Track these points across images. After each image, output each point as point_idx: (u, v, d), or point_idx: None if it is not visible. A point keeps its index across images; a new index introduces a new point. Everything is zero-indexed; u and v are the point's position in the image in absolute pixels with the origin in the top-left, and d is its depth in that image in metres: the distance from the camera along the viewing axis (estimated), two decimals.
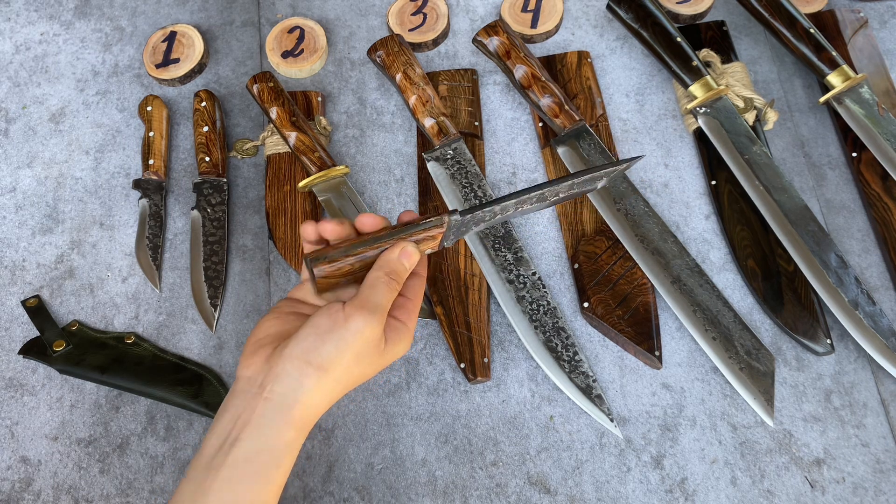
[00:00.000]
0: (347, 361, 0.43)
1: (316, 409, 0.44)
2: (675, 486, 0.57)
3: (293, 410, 0.42)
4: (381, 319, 0.44)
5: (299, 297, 0.49)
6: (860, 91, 0.68)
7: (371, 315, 0.43)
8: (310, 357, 0.43)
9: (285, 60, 0.77)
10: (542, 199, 0.48)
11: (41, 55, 0.81)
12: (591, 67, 0.75)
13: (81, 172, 0.74)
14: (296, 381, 0.43)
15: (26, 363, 0.65)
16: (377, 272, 0.45)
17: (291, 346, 0.43)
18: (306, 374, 0.43)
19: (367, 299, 0.44)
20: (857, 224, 0.67)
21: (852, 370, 0.61)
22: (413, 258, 0.46)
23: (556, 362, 0.60)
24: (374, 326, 0.43)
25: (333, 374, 0.43)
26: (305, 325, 0.44)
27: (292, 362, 0.43)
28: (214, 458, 0.42)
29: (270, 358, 0.44)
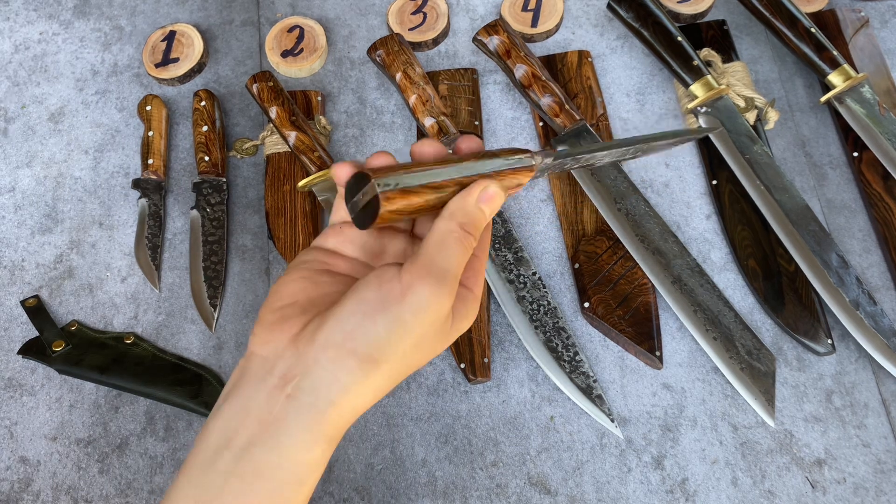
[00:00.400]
0: (405, 349, 0.33)
1: (355, 411, 0.33)
2: (675, 486, 0.57)
3: (326, 415, 0.32)
4: (452, 290, 0.33)
5: (331, 248, 0.37)
6: (861, 90, 0.67)
7: (439, 285, 0.32)
8: (355, 345, 0.32)
9: (285, 60, 0.77)
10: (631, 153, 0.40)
11: (40, 54, 0.81)
12: (592, 67, 0.75)
13: (81, 172, 0.74)
14: (332, 376, 0.32)
15: (25, 363, 0.65)
16: (447, 222, 0.34)
17: (329, 329, 0.32)
18: (348, 368, 0.32)
19: (432, 262, 0.33)
20: (858, 224, 0.66)
21: (853, 370, 0.60)
22: (496, 202, 0.35)
23: (557, 362, 0.60)
24: (444, 301, 0.33)
25: (385, 368, 0.33)
26: (347, 299, 0.33)
27: (329, 352, 0.32)
28: (218, 458, 0.32)
29: (298, 339, 0.33)
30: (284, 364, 0.33)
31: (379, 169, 0.33)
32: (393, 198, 0.32)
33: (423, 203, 0.34)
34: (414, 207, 0.33)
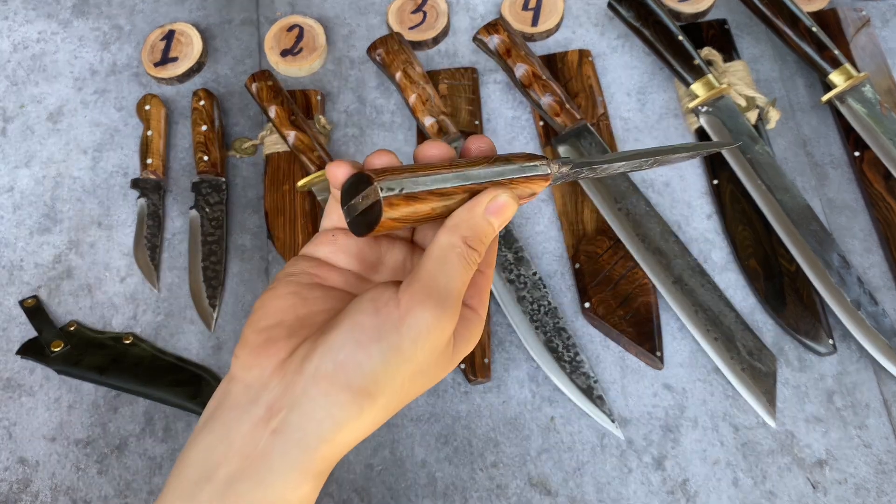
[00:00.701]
0: (403, 380, 0.30)
1: (348, 446, 0.30)
2: (676, 487, 0.57)
3: (316, 452, 0.29)
4: (455, 314, 0.30)
5: (322, 257, 0.34)
6: (862, 90, 0.67)
7: (440, 308, 0.29)
8: (348, 377, 0.29)
9: (284, 59, 0.77)
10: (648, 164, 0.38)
11: (39, 54, 0.80)
12: (592, 66, 0.74)
13: (79, 172, 0.74)
14: (324, 412, 0.29)
15: (24, 364, 0.65)
16: (450, 236, 0.31)
17: (319, 359, 0.29)
18: (340, 402, 0.29)
19: (433, 282, 0.30)
20: (860, 224, 0.66)
21: (854, 370, 0.60)
22: (507, 214, 0.32)
23: (557, 363, 0.60)
24: (445, 326, 0.30)
25: (381, 401, 0.30)
26: (340, 324, 0.30)
27: (320, 384, 0.29)
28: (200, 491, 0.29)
29: (286, 366, 0.30)
30: (270, 394, 0.30)
31: (381, 170, 0.30)
32: (396, 204, 0.29)
33: (429, 211, 0.31)
34: (418, 216, 0.31)
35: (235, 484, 0.29)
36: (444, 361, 0.31)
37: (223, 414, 0.30)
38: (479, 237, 0.31)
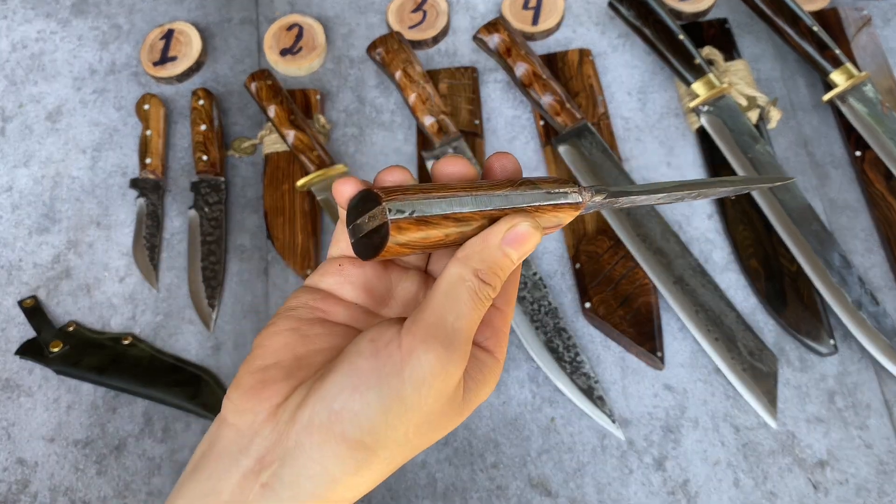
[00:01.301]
0: (406, 432, 0.27)
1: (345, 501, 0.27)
2: (677, 487, 0.57)
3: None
4: (463, 356, 0.27)
5: (326, 288, 0.31)
6: (864, 89, 0.67)
7: (446, 350, 0.26)
8: (343, 428, 0.26)
9: (284, 58, 0.77)
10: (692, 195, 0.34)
11: (38, 53, 0.80)
12: (593, 65, 0.74)
13: (78, 171, 0.73)
14: (319, 466, 0.26)
15: (23, 364, 0.65)
16: (461, 268, 0.28)
17: (313, 407, 0.27)
18: (336, 456, 0.26)
19: (439, 320, 0.27)
20: (861, 223, 0.66)
21: (856, 371, 0.60)
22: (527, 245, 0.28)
23: (558, 363, 0.60)
24: (452, 370, 0.27)
25: (382, 455, 0.27)
26: (336, 368, 0.27)
27: (314, 435, 0.26)
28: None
29: (279, 413, 0.27)
30: (262, 443, 0.27)
31: (391, 189, 0.27)
32: (406, 228, 0.26)
33: (442, 237, 0.27)
34: (430, 242, 0.27)
35: None
36: (454, 410, 0.28)
37: (211, 463, 0.28)
38: (494, 270, 0.28)
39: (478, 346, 0.30)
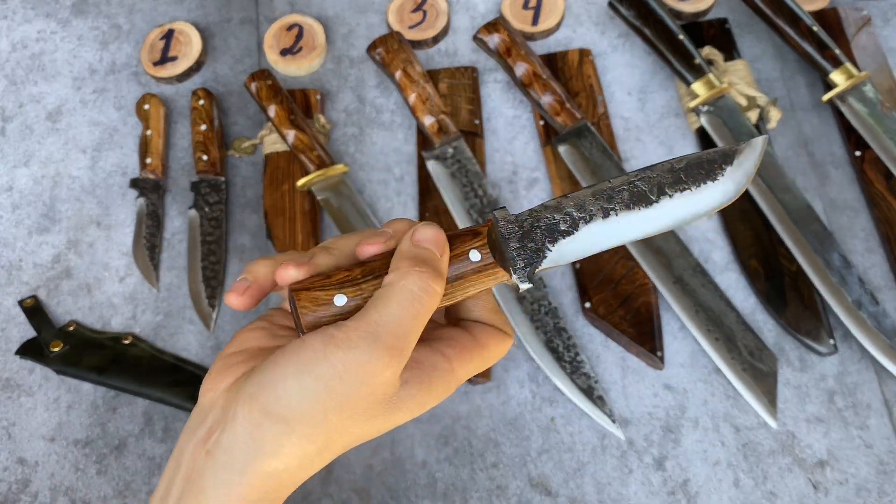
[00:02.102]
0: (325, 413, 0.29)
1: (279, 479, 0.29)
2: (677, 487, 0.57)
3: (244, 477, 0.29)
4: (395, 354, 0.29)
5: None
6: (863, 89, 0.67)
7: (372, 344, 0.28)
8: (267, 401, 0.29)
9: (284, 58, 0.77)
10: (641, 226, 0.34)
11: (38, 53, 0.80)
12: (593, 65, 0.74)
13: (78, 171, 0.73)
14: (247, 434, 0.29)
15: (23, 364, 0.65)
16: (390, 276, 0.30)
17: (251, 381, 0.30)
18: (261, 426, 0.29)
19: (368, 319, 0.29)
20: (861, 223, 0.66)
21: (856, 371, 0.60)
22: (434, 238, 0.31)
23: (558, 363, 0.60)
24: (377, 363, 0.28)
25: (301, 430, 0.29)
26: (278, 352, 0.30)
27: (243, 406, 0.29)
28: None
29: (231, 389, 0.30)
30: (213, 416, 0.30)
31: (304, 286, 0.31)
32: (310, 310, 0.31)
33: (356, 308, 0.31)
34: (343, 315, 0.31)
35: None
36: (383, 403, 0.30)
37: (180, 439, 0.31)
38: (418, 264, 0.30)
39: (433, 350, 0.32)
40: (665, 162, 0.34)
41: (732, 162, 0.34)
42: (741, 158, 0.34)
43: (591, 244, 0.33)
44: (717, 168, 0.34)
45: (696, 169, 0.34)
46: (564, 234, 0.32)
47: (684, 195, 0.33)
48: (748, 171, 0.34)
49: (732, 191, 0.34)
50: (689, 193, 0.33)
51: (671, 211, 0.33)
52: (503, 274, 0.33)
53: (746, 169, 0.34)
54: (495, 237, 0.32)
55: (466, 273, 0.32)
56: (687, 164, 0.34)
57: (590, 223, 0.33)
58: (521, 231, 0.32)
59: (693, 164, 0.34)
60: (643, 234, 0.33)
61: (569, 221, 0.33)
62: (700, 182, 0.33)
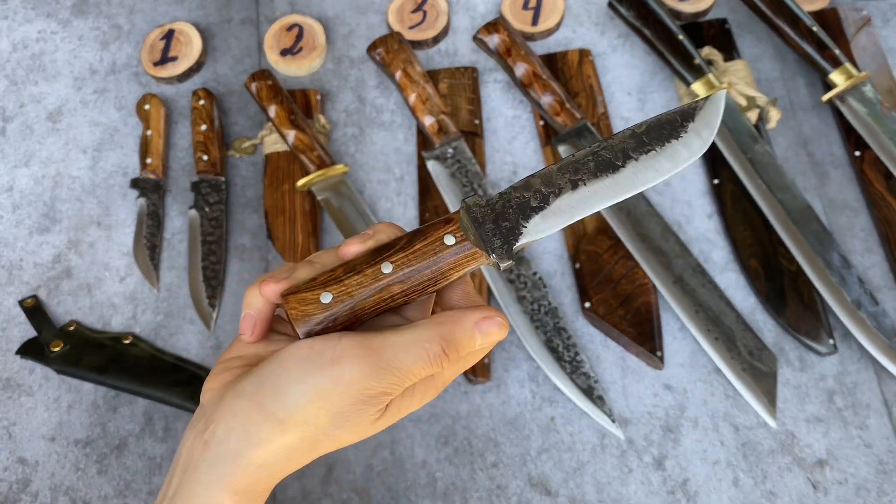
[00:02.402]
0: (318, 419, 0.31)
1: (268, 470, 0.32)
2: (677, 487, 0.57)
3: (235, 467, 0.31)
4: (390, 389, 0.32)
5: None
6: (863, 90, 0.67)
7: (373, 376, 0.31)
8: (263, 399, 0.31)
9: (284, 58, 0.77)
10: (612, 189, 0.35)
11: (38, 53, 0.80)
12: (593, 65, 0.74)
13: (79, 171, 0.73)
14: (241, 427, 0.31)
15: (24, 363, 0.65)
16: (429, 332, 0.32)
17: (248, 379, 0.32)
18: (255, 422, 0.31)
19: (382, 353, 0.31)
20: (860, 223, 0.66)
21: (855, 370, 0.60)
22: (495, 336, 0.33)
23: (558, 363, 0.60)
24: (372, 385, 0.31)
25: (294, 431, 0.31)
26: (277, 354, 0.32)
27: (240, 402, 0.31)
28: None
29: (227, 386, 0.33)
30: (211, 411, 0.32)
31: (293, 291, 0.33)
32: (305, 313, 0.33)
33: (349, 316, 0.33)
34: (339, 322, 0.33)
35: (176, 498, 0.32)
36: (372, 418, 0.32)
37: (183, 436, 0.33)
38: (457, 345, 0.32)
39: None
40: (625, 129, 0.35)
41: (694, 118, 0.35)
42: (702, 113, 0.35)
43: (563, 216, 0.34)
44: (678, 126, 0.35)
45: (657, 130, 0.35)
46: (537, 210, 0.34)
47: (649, 156, 0.34)
48: (711, 125, 0.35)
49: (698, 146, 0.35)
50: (653, 154, 0.34)
51: (639, 173, 0.34)
52: (481, 254, 0.34)
53: (709, 122, 0.35)
54: (468, 223, 0.34)
55: (444, 257, 0.34)
56: (647, 127, 0.35)
57: (560, 196, 0.34)
58: (494, 213, 0.34)
59: (654, 126, 0.35)
60: (615, 199, 0.34)
61: (539, 197, 0.34)
62: (664, 141, 0.35)
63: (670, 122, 0.35)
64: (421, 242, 0.34)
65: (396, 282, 0.33)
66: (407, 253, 0.33)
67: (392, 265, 0.33)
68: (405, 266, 0.33)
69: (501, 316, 0.34)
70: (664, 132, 0.35)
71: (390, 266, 0.33)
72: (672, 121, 0.35)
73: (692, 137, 0.35)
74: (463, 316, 0.33)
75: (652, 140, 0.35)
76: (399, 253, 0.33)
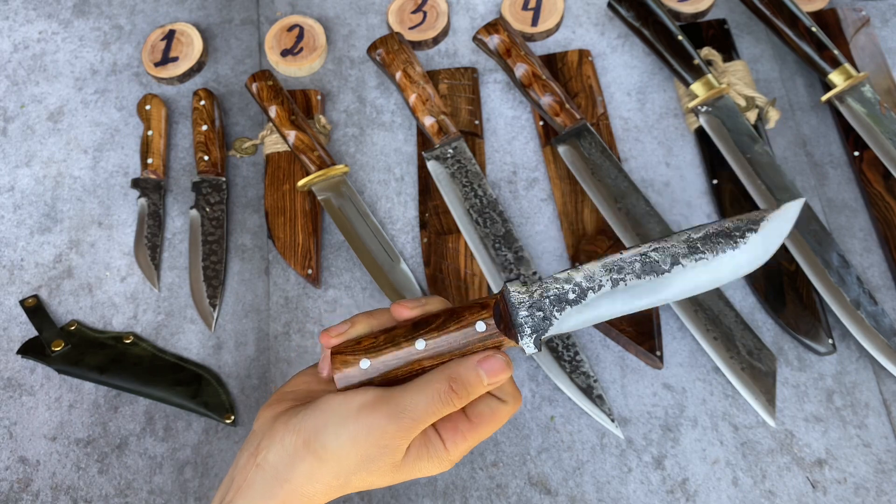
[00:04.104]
0: (349, 459, 0.36)
1: (309, 497, 0.37)
2: (676, 486, 0.57)
3: (281, 489, 0.37)
4: (410, 430, 0.36)
5: None
6: (862, 90, 0.67)
7: (395, 418, 0.35)
8: (308, 437, 0.37)
9: (284, 59, 0.77)
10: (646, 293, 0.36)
11: (39, 54, 0.81)
12: (592, 66, 0.75)
13: (80, 171, 0.74)
14: (289, 457, 0.37)
15: (24, 363, 0.65)
16: (438, 375, 0.36)
17: (298, 418, 0.37)
18: (300, 456, 0.37)
19: (399, 400, 0.36)
20: (859, 223, 0.66)
21: (854, 370, 0.60)
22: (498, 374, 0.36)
23: (557, 362, 0.60)
24: (394, 432, 0.36)
25: (330, 467, 0.37)
26: (318, 402, 0.38)
27: (291, 436, 0.37)
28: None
29: (278, 418, 0.38)
30: (265, 437, 0.38)
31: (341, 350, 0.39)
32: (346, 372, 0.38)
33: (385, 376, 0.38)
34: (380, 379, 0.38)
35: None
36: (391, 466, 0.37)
37: (238, 454, 0.39)
38: (465, 385, 0.36)
39: (434, 431, 0.38)
40: (683, 231, 0.35)
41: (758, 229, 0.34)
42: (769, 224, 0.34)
43: (599, 312, 0.35)
44: (739, 236, 0.34)
45: (714, 237, 0.34)
46: (573, 303, 0.35)
47: (699, 264, 0.34)
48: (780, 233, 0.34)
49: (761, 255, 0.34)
50: (704, 262, 0.34)
51: (686, 279, 0.34)
52: (509, 341, 0.37)
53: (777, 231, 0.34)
54: (504, 305, 0.37)
55: (472, 342, 0.37)
56: (705, 233, 0.34)
57: (598, 292, 0.35)
58: (531, 300, 0.36)
59: (711, 234, 0.34)
60: (657, 302, 0.34)
61: (577, 291, 0.35)
62: (719, 250, 0.34)
63: (732, 230, 0.34)
64: (455, 325, 0.37)
65: (427, 357, 0.37)
66: (441, 333, 0.37)
67: (425, 342, 0.37)
68: (437, 345, 0.37)
69: (504, 355, 0.36)
70: (721, 241, 0.34)
71: (423, 343, 0.37)
72: (734, 230, 0.34)
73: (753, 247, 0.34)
74: (467, 358, 0.37)
75: (706, 247, 0.34)
76: (433, 333, 0.37)
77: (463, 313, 0.37)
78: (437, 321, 0.37)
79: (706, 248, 0.34)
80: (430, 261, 0.66)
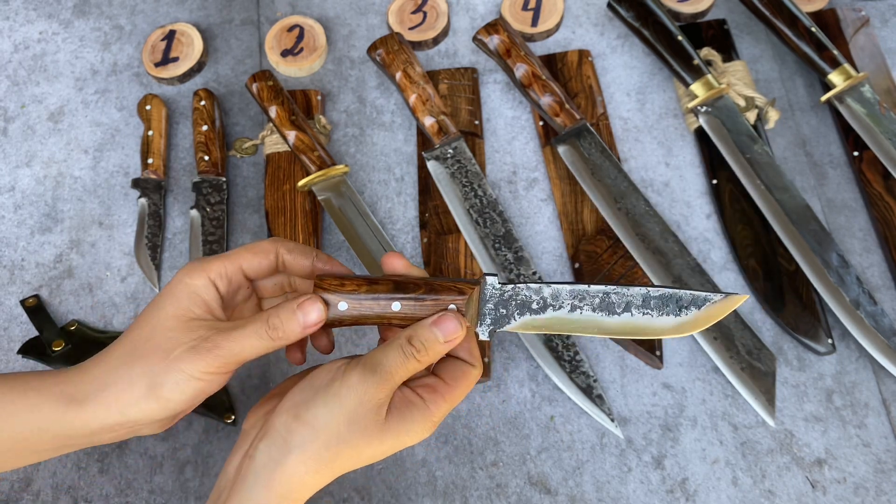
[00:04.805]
0: (339, 423, 0.38)
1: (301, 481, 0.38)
2: (676, 486, 0.57)
3: (276, 473, 0.38)
4: (383, 382, 0.38)
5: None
6: (862, 90, 0.67)
7: (369, 373, 0.38)
8: (298, 411, 0.38)
9: (285, 59, 0.77)
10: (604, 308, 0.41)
11: (40, 54, 0.81)
12: (592, 66, 0.75)
13: (80, 171, 0.74)
14: (281, 438, 0.38)
15: (25, 363, 0.65)
16: (402, 335, 0.40)
17: (286, 400, 0.39)
18: (293, 430, 0.38)
19: (371, 357, 0.39)
20: (859, 223, 0.66)
21: (854, 370, 0.60)
22: (452, 333, 0.39)
23: (557, 362, 0.60)
24: (370, 386, 0.38)
25: (321, 437, 0.38)
26: (306, 378, 0.40)
27: (281, 417, 0.38)
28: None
29: (267, 414, 0.40)
30: (255, 431, 0.40)
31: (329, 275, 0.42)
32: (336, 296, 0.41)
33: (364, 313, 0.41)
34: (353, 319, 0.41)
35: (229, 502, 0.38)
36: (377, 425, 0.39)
37: (231, 455, 0.41)
38: (423, 342, 0.39)
39: (413, 392, 0.40)
40: (646, 288, 0.40)
41: (700, 307, 0.40)
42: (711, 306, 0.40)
43: (551, 326, 0.41)
44: (685, 307, 0.40)
45: (666, 301, 0.40)
46: (532, 312, 0.41)
47: (643, 318, 0.40)
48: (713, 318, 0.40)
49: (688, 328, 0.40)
50: (648, 318, 0.40)
51: (628, 326, 0.40)
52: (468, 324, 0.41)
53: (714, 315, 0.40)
54: (477, 296, 0.41)
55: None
56: (661, 295, 0.40)
57: (556, 311, 0.40)
58: (500, 298, 0.41)
59: (667, 297, 0.40)
60: (595, 334, 0.40)
61: (540, 304, 0.41)
62: (664, 313, 0.40)
63: (682, 299, 0.40)
64: (431, 300, 0.41)
65: (398, 318, 0.41)
66: (417, 303, 0.41)
67: (401, 305, 0.41)
68: (410, 310, 0.41)
69: (457, 316, 0.40)
70: (669, 306, 0.40)
71: (399, 306, 0.41)
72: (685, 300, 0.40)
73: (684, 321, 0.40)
74: (425, 320, 0.40)
75: (656, 307, 0.40)
76: (411, 300, 0.41)
77: (441, 291, 0.41)
78: (418, 290, 0.41)
79: (656, 307, 0.40)
80: (430, 261, 0.66)
